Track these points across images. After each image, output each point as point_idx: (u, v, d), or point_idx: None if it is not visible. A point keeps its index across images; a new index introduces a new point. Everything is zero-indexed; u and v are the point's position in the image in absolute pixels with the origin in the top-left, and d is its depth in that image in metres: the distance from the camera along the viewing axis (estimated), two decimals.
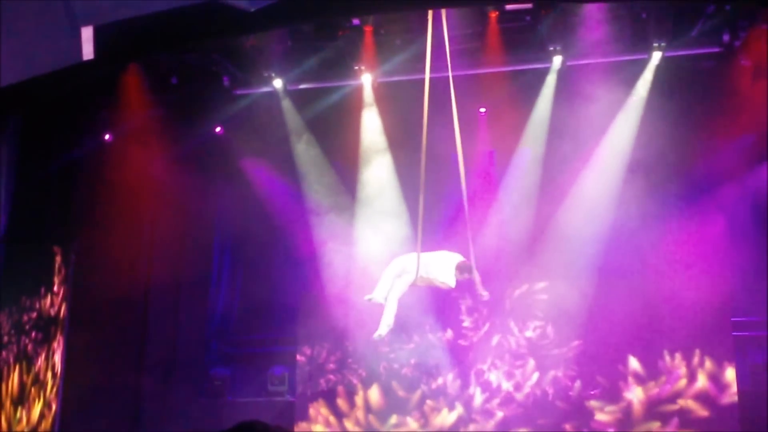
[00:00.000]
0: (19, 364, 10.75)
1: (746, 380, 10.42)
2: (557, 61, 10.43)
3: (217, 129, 11.88)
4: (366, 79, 10.91)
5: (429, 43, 7.08)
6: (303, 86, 11.21)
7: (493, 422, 10.93)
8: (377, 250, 10.46)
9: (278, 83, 11.04)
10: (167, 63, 10.89)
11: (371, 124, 11.27)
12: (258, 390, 11.82)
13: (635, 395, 10.60)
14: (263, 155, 11.83)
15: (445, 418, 11.08)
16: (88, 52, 3.93)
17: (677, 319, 10.51)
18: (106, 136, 11.54)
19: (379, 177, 11.37)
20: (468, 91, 7.44)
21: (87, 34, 3.91)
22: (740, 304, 10.60)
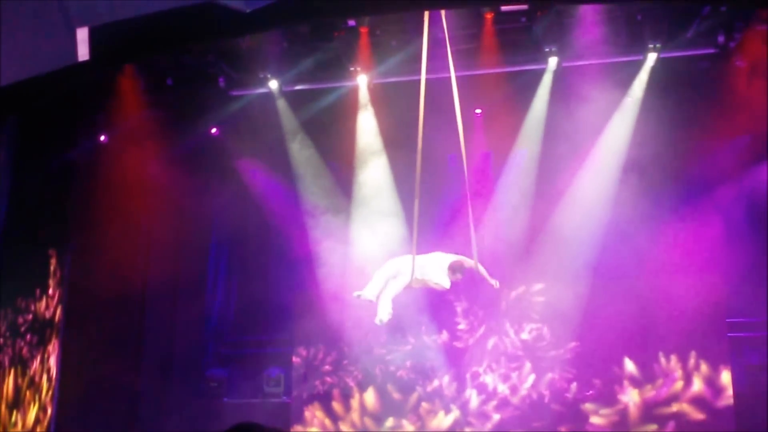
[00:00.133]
0: (14, 368, 10.70)
1: (742, 381, 10.44)
2: (553, 62, 10.43)
3: (213, 130, 11.86)
4: (362, 81, 10.90)
5: (425, 44, 7.07)
6: (299, 87, 11.20)
7: (489, 425, 10.92)
8: (373, 251, 10.45)
9: (274, 84, 11.02)
10: (163, 64, 10.86)
11: (367, 125, 11.26)
12: (254, 391, 11.81)
13: (631, 398, 10.60)
14: (259, 156, 11.83)
15: (441, 420, 11.07)
16: (83, 54, 3.92)
17: (673, 320, 10.53)
18: (102, 138, 11.49)
19: (375, 178, 11.37)
20: (464, 93, 7.41)
21: (83, 35, 3.90)
22: (736, 305, 10.61)
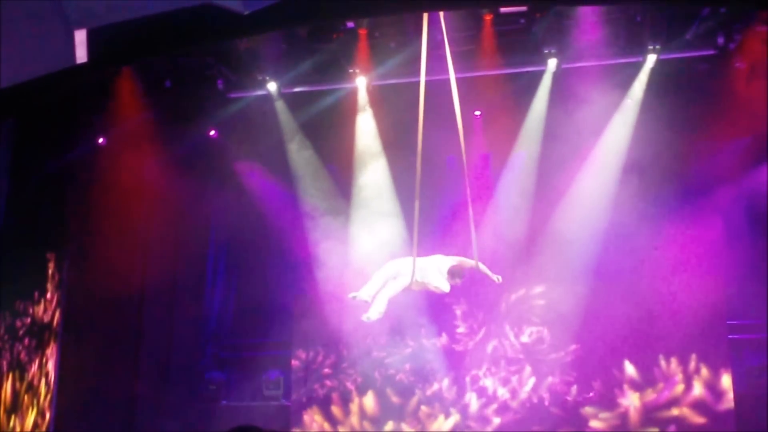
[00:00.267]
0: (12, 372, 10.67)
1: (743, 383, 10.43)
2: (552, 63, 10.41)
3: (212, 132, 11.84)
4: (360, 82, 10.89)
5: (424, 46, 7.05)
6: (297, 89, 11.18)
7: (489, 428, 10.88)
8: (373, 253, 10.40)
9: (272, 86, 11.00)
10: (161, 66, 10.84)
11: (366, 127, 11.23)
12: (253, 394, 11.78)
13: (631, 402, 10.58)
14: (258, 158, 11.80)
15: (441, 424, 11.03)
16: (81, 56, 3.89)
17: (673, 322, 10.51)
18: (100, 140, 11.46)
19: (374, 180, 11.34)
20: (463, 94, 7.39)
21: (80, 37, 3.87)
22: (736, 307, 10.60)
